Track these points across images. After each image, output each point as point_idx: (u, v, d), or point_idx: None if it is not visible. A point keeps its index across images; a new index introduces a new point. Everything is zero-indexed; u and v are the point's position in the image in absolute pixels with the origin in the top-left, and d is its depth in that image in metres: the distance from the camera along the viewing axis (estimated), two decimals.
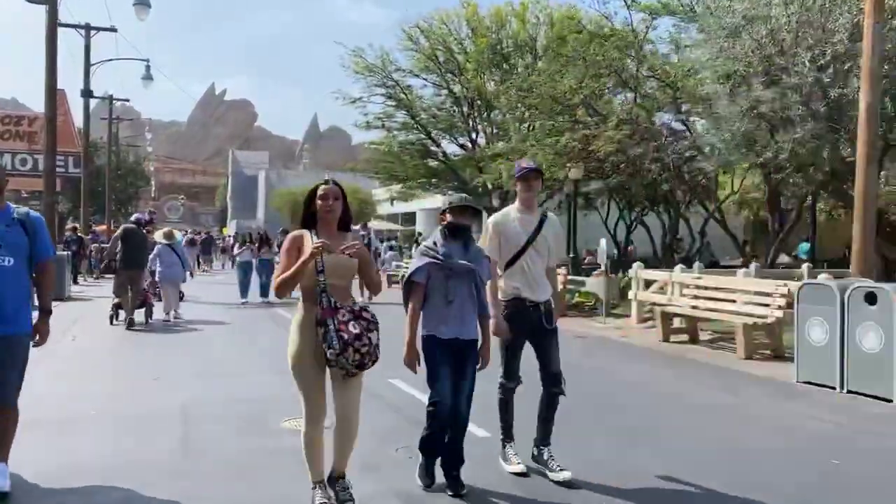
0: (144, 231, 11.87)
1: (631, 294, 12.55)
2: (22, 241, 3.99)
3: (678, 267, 11.66)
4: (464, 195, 4.50)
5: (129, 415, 5.78)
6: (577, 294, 14.78)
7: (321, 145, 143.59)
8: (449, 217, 4.14)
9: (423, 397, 6.40)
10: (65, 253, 16.85)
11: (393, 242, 36.79)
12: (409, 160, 25.31)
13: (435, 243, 4.14)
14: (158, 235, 13.04)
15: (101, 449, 4.90)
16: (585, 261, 18.69)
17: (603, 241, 12.70)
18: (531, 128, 18.08)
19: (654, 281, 11.99)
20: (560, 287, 13.37)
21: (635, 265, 12.62)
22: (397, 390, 6.78)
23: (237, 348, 9.42)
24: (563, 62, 14.81)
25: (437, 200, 30.77)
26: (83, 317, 12.76)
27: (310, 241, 3.57)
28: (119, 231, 11.97)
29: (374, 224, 41.14)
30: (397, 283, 23.03)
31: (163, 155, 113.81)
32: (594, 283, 13.64)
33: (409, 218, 40.46)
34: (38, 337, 4.16)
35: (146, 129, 49.47)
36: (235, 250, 16.85)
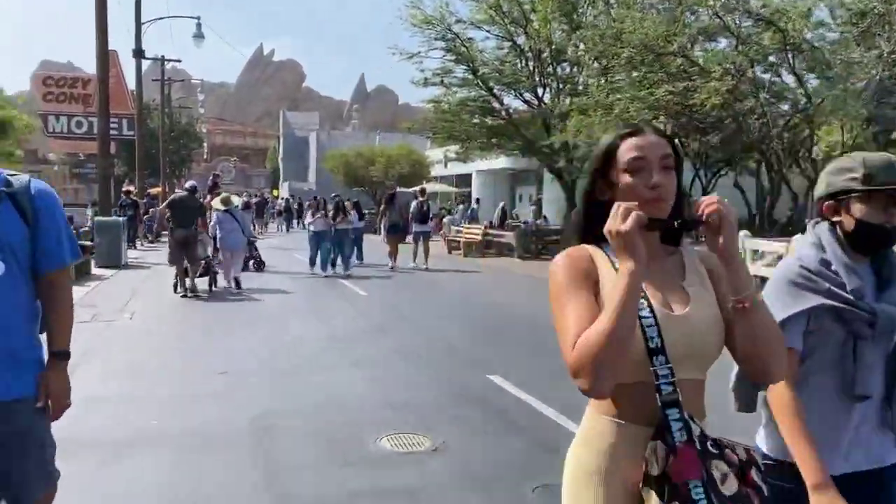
0: (198, 197, 11.59)
1: None
2: (15, 233, 2.21)
3: (798, 236, 10.18)
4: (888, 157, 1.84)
5: (195, 430, 4.83)
6: None
7: (368, 105, 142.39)
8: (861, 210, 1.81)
9: (542, 406, 5.22)
10: (120, 218, 16.23)
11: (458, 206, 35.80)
12: (469, 118, 24.00)
13: (824, 261, 1.85)
14: (216, 202, 12.57)
15: (160, 484, 3.96)
16: None
17: None
18: (607, 80, 16.46)
19: (765, 252, 10.59)
20: None
21: (742, 234, 11.19)
22: (504, 394, 5.69)
23: (307, 330, 8.49)
24: (647, 5, 13.15)
25: (499, 162, 29.42)
26: (141, 287, 12.08)
27: (608, 268, 1.53)
28: (165, 203, 11.70)
29: (428, 187, 40.04)
30: (457, 248, 22.12)
31: (213, 116, 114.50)
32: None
33: (464, 180, 39.12)
34: (47, 400, 2.29)
35: (198, 90, 49.00)
36: (308, 218, 15.12)
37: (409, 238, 16.68)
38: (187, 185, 12.11)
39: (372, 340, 7.80)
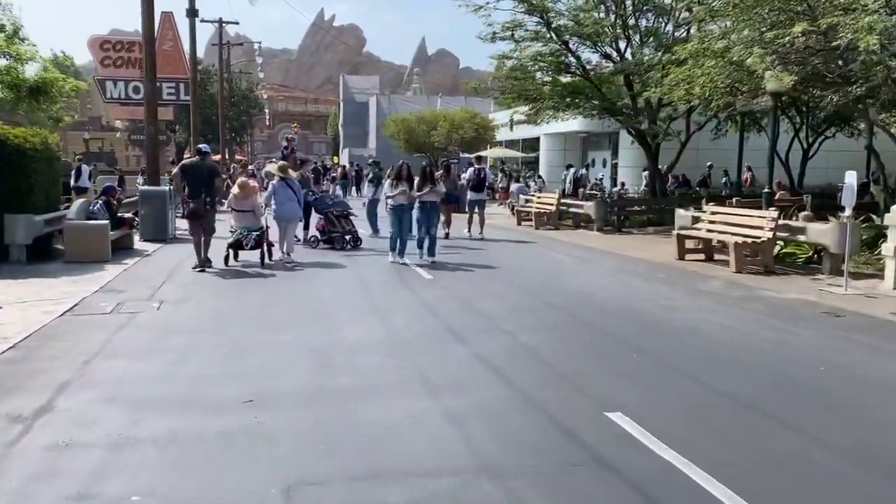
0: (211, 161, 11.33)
1: (887, 248, 9.00)
2: None
3: None
4: None
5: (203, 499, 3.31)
6: (789, 244, 11.32)
7: (429, 70, 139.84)
8: None
9: (706, 478, 3.45)
10: (166, 188, 15.03)
11: (523, 171, 33.63)
12: (541, 76, 21.87)
13: None
14: (273, 168, 12.21)
15: None
16: (777, 196, 14.85)
17: (852, 175, 9.09)
18: (716, 24, 14.03)
19: None
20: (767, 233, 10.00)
21: (894, 208, 9.00)
22: (637, 448, 3.94)
23: (362, 330, 6.90)
24: None
25: (570, 124, 27.12)
26: (179, 266, 10.78)
27: None
28: (177, 167, 11.09)
29: (492, 152, 37.99)
30: (528, 219, 20.21)
31: (275, 83, 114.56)
32: (822, 231, 10.12)
33: (532, 144, 36.87)
34: None
35: (256, 54, 48.01)
36: (387, 190, 11.72)
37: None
38: (198, 146, 11.46)
39: (442, 349, 6.15)
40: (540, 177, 30.78)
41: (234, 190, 11.27)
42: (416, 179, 11.55)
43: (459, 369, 5.51)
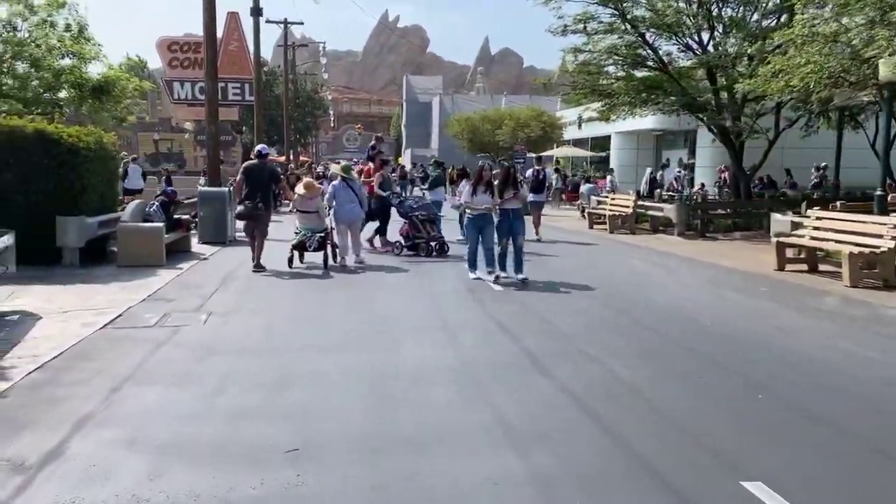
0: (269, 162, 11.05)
1: None
2: None
3: None
4: None
5: None
6: None
7: (492, 69, 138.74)
8: None
9: None
10: (225, 189, 14.59)
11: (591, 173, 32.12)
12: (614, 70, 20.60)
13: None
14: (335, 168, 12.17)
15: None
16: (889, 198, 13.23)
17: None
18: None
19: None
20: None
21: None
22: None
23: (428, 354, 6.03)
24: None
25: (642, 122, 25.67)
26: (236, 271, 10.20)
27: None
28: (241, 170, 10.83)
29: (559, 151, 36.68)
30: (600, 222, 19.00)
31: (340, 85, 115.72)
32: None
33: (601, 143, 35.38)
34: None
35: (320, 54, 48.08)
36: (463, 195, 10.03)
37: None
38: (257, 148, 11.08)
39: (521, 381, 5.20)
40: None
41: (300, 190, 10.90)
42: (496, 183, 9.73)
43: (544, 411, 4.55)
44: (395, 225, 12.77)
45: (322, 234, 10.44)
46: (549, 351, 5.96)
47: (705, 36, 19.11)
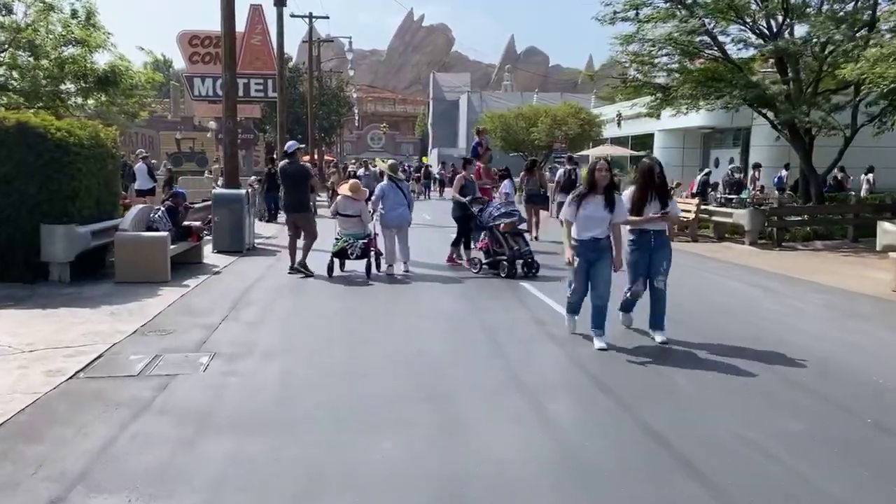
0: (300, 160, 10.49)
1: None
2: None
3: None
4: None
5: None
6: None
7: (518, 68, 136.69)
8: None
9: None
10: (243, 191, 13.04)
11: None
12: (667, 61, 18.73)
13: None
14: (382, 166, 11.48)
15: None
16: None
17: None
18: None
19: None
20: None
21: None
22: None
23: (507, 427, 4.35)
24: None
25: (690, 119, 23.64)
26: (252, 288, 8.64)
27: None
28: (263, 176, 10.06)
29: (598, 150, 34.74)
30: None
31: (364, 84, 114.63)
32: None
33: (643, 140, 33.35)
34: None
35: (346, 49, 46.61)
36: (564, 210, 6.35)
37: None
38: (287, 146, 10.39)
39: (659, 490, 3.48)
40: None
41: (344, 191, 9.76)
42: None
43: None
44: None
45: (365, 241, 9.62)
46: (685, 431, 4.20)
47: (771, 23, 17.20)
